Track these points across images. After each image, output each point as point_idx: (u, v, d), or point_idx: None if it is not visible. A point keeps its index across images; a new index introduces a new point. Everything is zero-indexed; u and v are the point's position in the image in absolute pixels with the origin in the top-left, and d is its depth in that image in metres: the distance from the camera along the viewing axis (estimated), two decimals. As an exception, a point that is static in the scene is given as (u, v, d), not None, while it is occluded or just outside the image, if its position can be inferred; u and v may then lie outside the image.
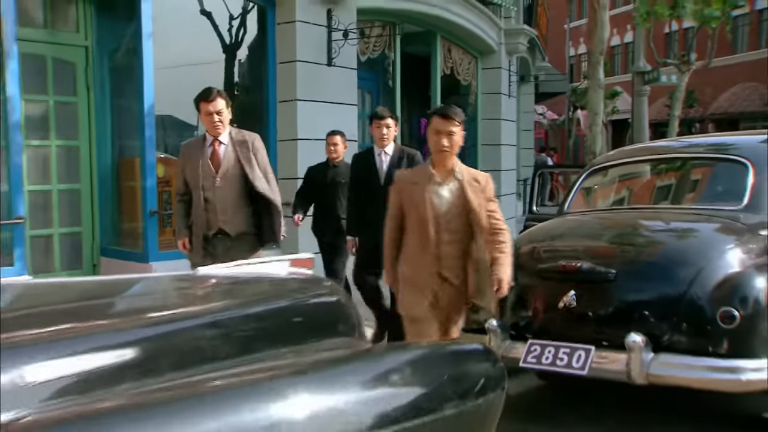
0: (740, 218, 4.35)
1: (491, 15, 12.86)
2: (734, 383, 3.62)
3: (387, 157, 5.41)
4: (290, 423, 1.71)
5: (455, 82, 12.89)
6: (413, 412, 1.99)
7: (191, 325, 2.05)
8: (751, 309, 3.69)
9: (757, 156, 4.76)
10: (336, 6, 9.03)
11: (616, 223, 4.96)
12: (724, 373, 3.62)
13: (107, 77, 8.16)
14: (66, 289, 2.53)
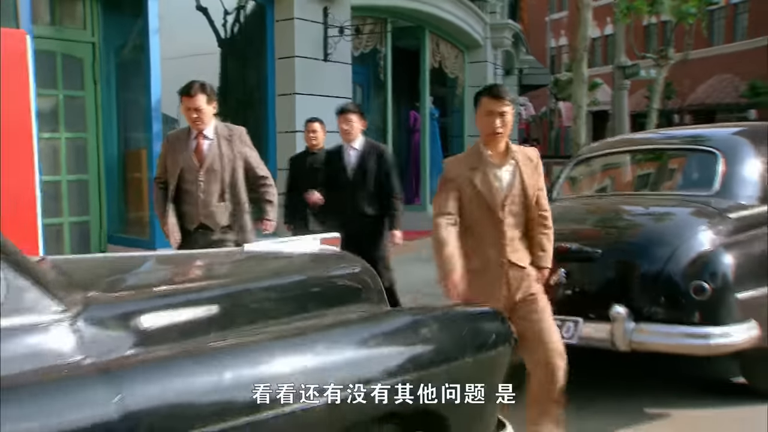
0: (711, 203, 4.78)
1: (477, 10, 13.25)
2: (704, 348, 4.07)
3: (355, 152, 5.40)
4: (339, 363, 2.17)
5: (443, 75, 13.29)
6: (439, 359, 2.43)
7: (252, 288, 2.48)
8: (719, 283, 4.13)
9: (727, 147, 5.20)
10: (332, 4, 9.41)
11: (600, 208, 5.39)
12: (696, 339, 4.07)
13: (113, 72, 8.50)
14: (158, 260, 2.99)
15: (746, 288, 4.19)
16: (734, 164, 5.00)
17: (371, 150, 5.41)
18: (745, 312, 4.14)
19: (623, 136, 8.32)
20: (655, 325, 4.16)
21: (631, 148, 6.11)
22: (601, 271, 4.43)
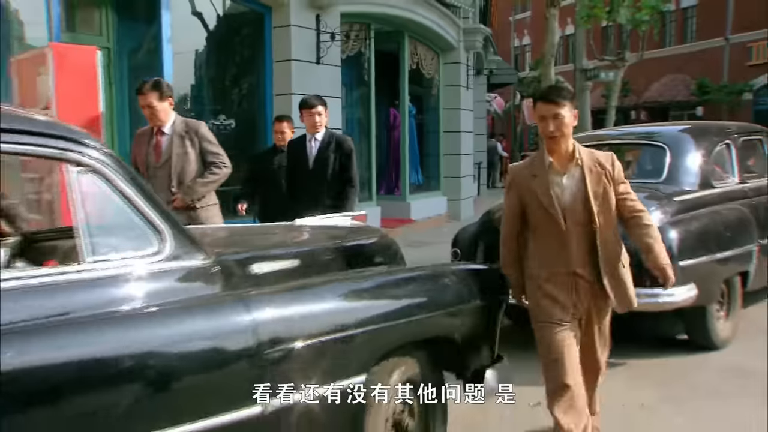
0: (660, 189, 5.55)
1: (452, 15, 13.81)
2: (655, 305, 4.83)
3: (317, 142, 5.39)
4: (381, 302, 2.93)
5: (420, 76, 13.82)
6: (452, 301, 3.18)
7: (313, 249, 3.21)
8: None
9: (673, 142, 6.00)
10: (323, 12, 10.01)
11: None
12: (648, 299, 4.82)
13: (126, 75, 9.01)
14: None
15: (687, 257, 4.99)
16: (679, 157, 5.80)
17: (332, 140, 5.41)
18: (685, 277, 4.92)
19: (588, 133, 9.08)
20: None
21: (595, 142, 6.87)
22: None
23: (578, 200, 3.20)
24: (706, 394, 4.47)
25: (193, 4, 9.37)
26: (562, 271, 3.24)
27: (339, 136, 5.59)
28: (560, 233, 3.20)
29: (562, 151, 3.22)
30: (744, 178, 6.14)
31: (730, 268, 5.44)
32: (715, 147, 5.99)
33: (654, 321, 5.72)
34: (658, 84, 28.64)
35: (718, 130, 6.52)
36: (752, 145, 6.59)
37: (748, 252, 5.60)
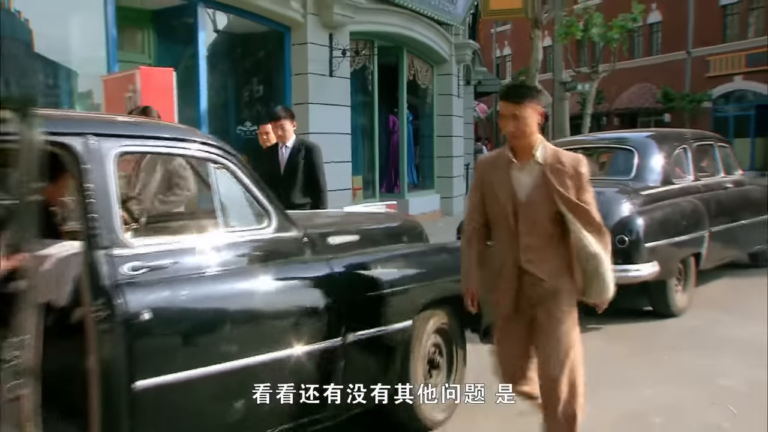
0: (630, 184, 6.29)
1: (444, 32, 14.47)
2: (625, 279, 5.53)
3: (287, 150, 5.41)
4: (415, 270, 3.64)
5: (416, 86, 14.46)
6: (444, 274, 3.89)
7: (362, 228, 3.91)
8: (634, 236, 5.65)
9: (640, 146, 6.74)
10: (335, 31, 10.68)
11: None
12: (620, 273, 5.54)
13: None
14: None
15: (651, 240, 5.73)
16: (645, 158, 6.55)
17: (301, 147, 5.44)
18: (650, 256, 5.68)
19: (569, 138, 9.80)
20: None
21: (576, 146, 7.63)
22: None
23: (535, 196, 2.96)
24: (664, 348, 5.21)
25: (223, 24, 9.99)
26: (508, 265, 3.03)
27: (308, 143, 5.59)
28: (510, 227, 2.99)
29: (524, 148, 2.99)
30: (698, 176, 6.90)
31: (685, 249, 6.19)
32: (674, 150, 6.74)
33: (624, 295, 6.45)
34: (627, 92, 29.36)
35: (677, 136, 7.28)
36: (705, 149, 7.35)
37: (701, 237, 6.36)
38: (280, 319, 2.91)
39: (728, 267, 7.58)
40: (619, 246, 5.58)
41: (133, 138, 2.76)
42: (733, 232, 6.94)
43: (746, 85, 26.09)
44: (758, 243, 7.66)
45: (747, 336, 5.34)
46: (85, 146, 2.51)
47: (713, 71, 26.89)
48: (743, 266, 7.89)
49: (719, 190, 7.01)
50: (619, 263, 5.53)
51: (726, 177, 7.36)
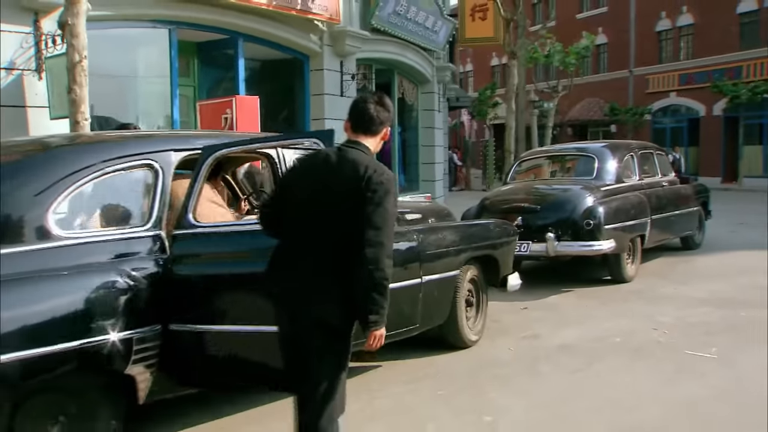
0: (592, 183, 7.79)
1: (428, 57, 15.86)
2: (590, 251, 7.07)
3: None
4: (454, 237, 5.06)
5: (404, 102, 15.78)
6: (495, 237, 5.35)
7: (421, 209, 5.36)
8: (597, 221, 7.12)
9: (598, 153, 8.27)
10: (345, 59, 12.07)
11: (534, 186, 8.32)
12: (586, 248, 7.08)
13: (206, 106, 10.91)
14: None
15: (609, 223, 7.19)
16: (603, 162, 8.05)
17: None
18: (607, 235, 7.17)
19: (541, 148, 11.36)
20: (567, 242, 7.12)
21: (548, 154, 9.24)
22: (540, 217, 7.26)
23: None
24: (619, 301, 6.72)
25: (256, 54, 11.29)
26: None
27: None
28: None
29: None
30: (642, 177, 8.45)
31: (634, 231, 7.69)
32: (624, 156, 8.28)
33: (589, 267, 8.02)
34: (578, 106, 30.94)
35: (626, 145, 8.86)
36: (647, 155, 8.93)
37: (645, 222, 7.90)
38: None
39: (664, 249, 9.22)
40: (586, 228, 7.09)
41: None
42: (668, 220, 8.50)
43: (680, 101, 28.02)
44: (687, 229, 9.29)
45: (676, 294, 6.92)
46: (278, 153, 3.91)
47: (652, 88, 28.74)
48: (676, 248, 9.54)
49: (657, 187, 8.54)
50: (586, 240, 7.12)
51: (662, 178, 8.95)
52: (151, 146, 3.42)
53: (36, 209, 2.96)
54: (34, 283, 2.83)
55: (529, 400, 4.04)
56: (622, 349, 5.02)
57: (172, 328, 3.17)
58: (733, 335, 5.31)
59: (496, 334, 5.48)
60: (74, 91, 5.37)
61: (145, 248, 3.23)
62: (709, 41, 26.01)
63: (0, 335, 2.63)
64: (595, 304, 6.57)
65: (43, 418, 2.89)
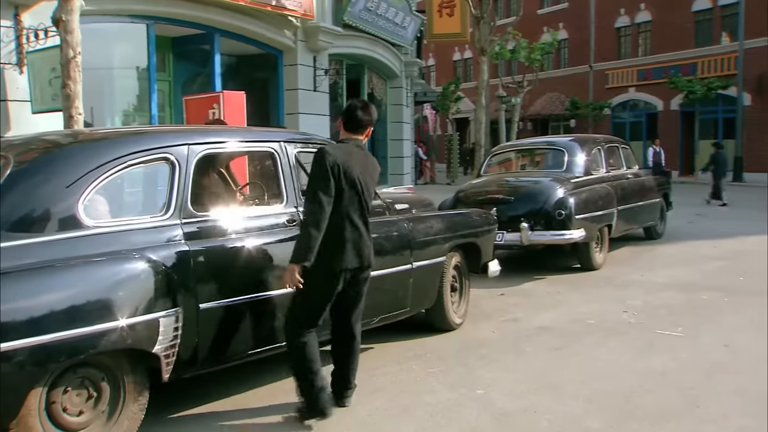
0: (562, 175, 8.20)
1: (397, 52, 16.22)
2: (562, 240, 7.51)
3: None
4: (440, 225, 5.40)
5: (373, 97, 16.14)
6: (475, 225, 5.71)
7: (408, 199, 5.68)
8: (568, 211, 7.55)
9: (567, 146, 8.70)
10: (318, 54, 12.32)
11: (506, 179, 8.75)
12: (558, 237, 7.51)
13: (180, 100, 10.98)
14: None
15: (579, 213, 7.63)
16: (572, 156, 8.49)
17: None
18: (578, 224, 7.60)
19: (512, 141, 11.76)
20: (540, 231, 7.52)
21: (519, 147, 9.64)
22: (514, 208, 7.67)
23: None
24: (590, 287, 7.15)
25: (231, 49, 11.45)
26: None
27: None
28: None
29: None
30: (609, 169, 8.92)
31: (602, 221, 8.14)
32: (592, 150, 8.74)
33: (559, 256, 8.46)
34: (540, 100, 31.70)
35: (593, 139, 9.31)
36: (613, 149, 9.41)
37: (612, 213, 8.36)
38: (388, 251, 4.63)
39: (628, 238, 9.74)
40: (558, 218, 7.51)
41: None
42: (633, 211, 9.00)
43: (638, 96, 28.95)
44: (650, 220, 9.82)
45: (642, 280, 7.40)
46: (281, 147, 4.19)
47: (611, 83, 29.62)
48: (640, 238, 10.07)
49: (623, 179, 9.03)
50: (557, 230, 7.53)
51: (627, 170, 9.45)
52: (167, 140, 3.65)
53: (67, 200, 3.18)
54: (70, 269, 3.05)
55: (515, 375, 4.39)
56: (597, 330, 5.42)
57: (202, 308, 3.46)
58: (696, 315, 5.77)
59: (478, 318, 5.84)
60: (69, 86, 5.52)
61: (166, 236, 3.47)
62: (665, 38, 26.95)
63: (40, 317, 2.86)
64: (568, 290, 6.98)
65: (79, 392, 3.12)
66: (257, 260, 3.79)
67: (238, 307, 3.66)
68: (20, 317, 2.82)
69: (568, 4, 31.40)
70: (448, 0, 17.21)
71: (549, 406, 3.83)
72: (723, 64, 24.80)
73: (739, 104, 23.35)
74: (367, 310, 4.49)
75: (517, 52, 15.96)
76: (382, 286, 4.54)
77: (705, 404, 3.79)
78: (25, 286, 2.87)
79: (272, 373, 4.32)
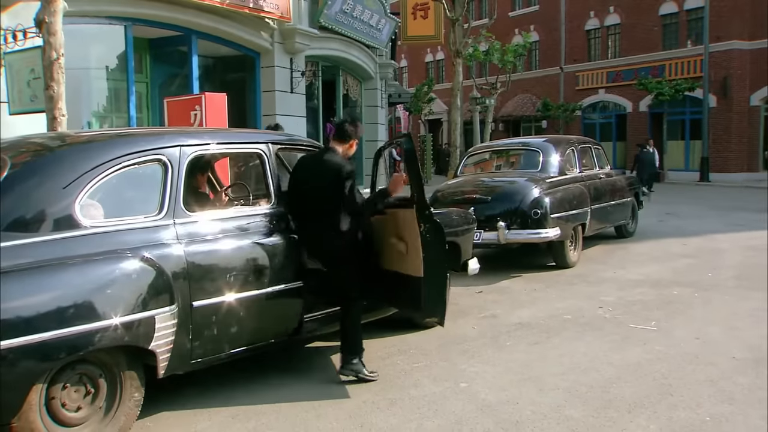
0: (537, 175, 8.35)
1: (372, 54, 16.35)
2: (537, 239, 7.65)
3: None
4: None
5: (349, 99, 16.29)
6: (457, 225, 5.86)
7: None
8: (543, 210, 7.71)
9: (542, 147, 8.86)
10: (295, 56, 12.40)
11: (482, 179, 8.85)
12: (534, 236, 7.64)
13: (157, 101, 11.02)
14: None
15: (554, 212, 7.79)
16: (546, 156, 8.66)
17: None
18: (553, 223, 7.77)
19: (488, 143, 11.94)
20: (516, 230, 7.65)
21: (495, 148, 9.82)
22: (491, 207, 7.78)
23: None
24: (565, 284, 7.34)
25: (209, 51, 11.48)
26: None
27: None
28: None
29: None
30: (582, 169, 9.12)
31: (576, 220, 8.30)
32: (566, 150, 8.93)
33: (535, 255, 8.66)
34: (512, 102, 32.10)
35: (567, 140, 9.52)
36: (586, 149, 9.62)
37: (585, 212, 8.55)
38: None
39: (601, 237, 9.99)
40: (534, 217, 7.69)
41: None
42: (606, 210, 9.21)
43: (608, 97, 29.48)
44: (622, 219, 10.06)
45: (615, 277, 7.62)
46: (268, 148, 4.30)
47: (582, 85, 30.10)
48: (611, 237, 10.33)
49: (596, 179, 9.24)
50: (533, 228, 7.71)
51: (600, 170, 9.67)
52: (160, 142, 3.73)
53: (65, 200, 3.25)
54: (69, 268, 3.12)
55: (497, 368, 4.55)
56: (573, 324, 5.61)
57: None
58: (668, 310, 6.00)
59: (457, 315, 5.99)
60: (52, 88, 5.55)
61: (159, 236, 3.55)
62: (634, 40, 27.50)
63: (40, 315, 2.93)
64: (544, 287, 7.17)
65: (77, 388, 3.20)
66: (247, 258, 3.89)
67: (229, 304, 3.76)
68: (22, 315, 2.89)
69: (539, 6, 31.86)
70: (423, 3, 17.42)
71: (531, 397, 3.99)
72: (689, 66, 25.40)
73: (705, 106, 23.94)
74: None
75: (491, 54, 16.20)
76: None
77: (678, 393, 3.98)
78: (27, 285, 2.95)
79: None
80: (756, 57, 24.37)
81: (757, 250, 8.91)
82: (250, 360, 4.23)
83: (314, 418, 3.75)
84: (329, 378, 4.42)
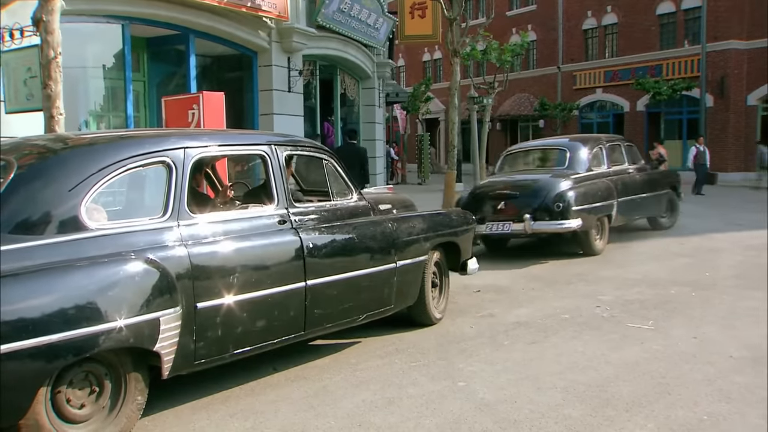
0: (565, 171, 8.96)
1: (369, 53, 16.36)
2: (562, 229, 8.26)
3: None
4: (423, 225, 5.61)
5: (346, 98, 16.35)
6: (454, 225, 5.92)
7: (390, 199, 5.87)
8: (567, 204, 8.29)
9: (569, 146, 9.49)
10: (292, 55, 12.42)
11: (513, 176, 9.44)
12: (558, 226, 8.23)
13: (154, 100, 11.06)
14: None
15: (578, 205, 8.38)
16: (573, 154, 9.32)
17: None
18: (575, 215, 8.31)
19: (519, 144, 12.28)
20: (542, 222, 8.40)
21: (527, 148, 10.53)
22: (519, 201, 8.55)
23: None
24: (563, 284, 7.39)
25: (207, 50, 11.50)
26: None
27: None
28: None
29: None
30: (610, 165, 9.70)
31: (600, 212, 8.92)
32: (594, 148, 9.52)
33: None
34: (509, 101, 32.18)
35: (595, 139, 10.13)
36: (615, 147, 10.26)
37: (611, 204, 9.14)
38: (362, 252, 4.79)
39: (636, 229, 10.72)
40: (556, 210, 8.33)
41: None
42: (635, 203, 9.80)
43: (606, 97, 29.58)
44: (653, 211, 10.62)
45: (613, 276, 7.70)
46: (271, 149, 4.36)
47: (579, 84, 30.20)
48: (646, 229, 10.92)
49: (624, 174, 9.87)
50: (558, 220, 8.37)
51: (631, 166, 10.24)
52: (165, 144, 3.78)
53: (71, 202, 3.30)
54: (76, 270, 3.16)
55: (495, 367, 4.61)
56: (571, 324, 5.68)
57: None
58: (666, 309, 6.07)
59: (455, 314, 6.06)
60: (50, 87, 5.57)
61: (164, 237, 3.60)
62: (632, 40, 27.60)
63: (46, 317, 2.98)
64: (542, 286, 7.24)
65: (82, 386, 3.25)
66: (251, 260, 3.94)
67: (233, 305, 3.80)
68: (29, 317, 2.93)
69: (537, 6, 31.93)
70: (420, 2, 17.48)
71: (529, 396, 4.05)
72: (687, 66, 25.50)
73: (702, 105, 24.04)
74: (354, 308, 4.70)
75: (488, 53, 16.26)
76: (368, 284, 4.73)
77: (676, 392, 4.05)
78: (34, 288, 2.99)
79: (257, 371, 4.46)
80: (753, 57, 24.49)
81: (756, 250, 9.01)
82: (249, 358, 4.28)
83: (312, 417, 3.80)
84: (328, 377, 4.48)
